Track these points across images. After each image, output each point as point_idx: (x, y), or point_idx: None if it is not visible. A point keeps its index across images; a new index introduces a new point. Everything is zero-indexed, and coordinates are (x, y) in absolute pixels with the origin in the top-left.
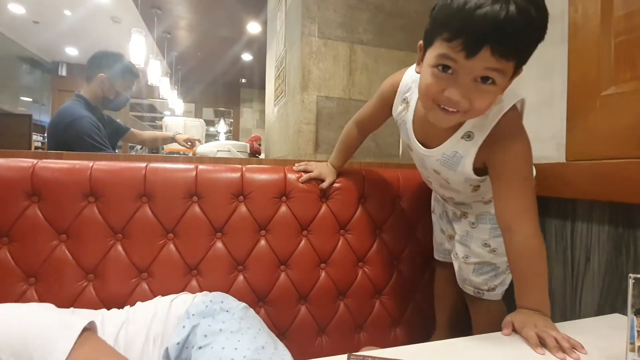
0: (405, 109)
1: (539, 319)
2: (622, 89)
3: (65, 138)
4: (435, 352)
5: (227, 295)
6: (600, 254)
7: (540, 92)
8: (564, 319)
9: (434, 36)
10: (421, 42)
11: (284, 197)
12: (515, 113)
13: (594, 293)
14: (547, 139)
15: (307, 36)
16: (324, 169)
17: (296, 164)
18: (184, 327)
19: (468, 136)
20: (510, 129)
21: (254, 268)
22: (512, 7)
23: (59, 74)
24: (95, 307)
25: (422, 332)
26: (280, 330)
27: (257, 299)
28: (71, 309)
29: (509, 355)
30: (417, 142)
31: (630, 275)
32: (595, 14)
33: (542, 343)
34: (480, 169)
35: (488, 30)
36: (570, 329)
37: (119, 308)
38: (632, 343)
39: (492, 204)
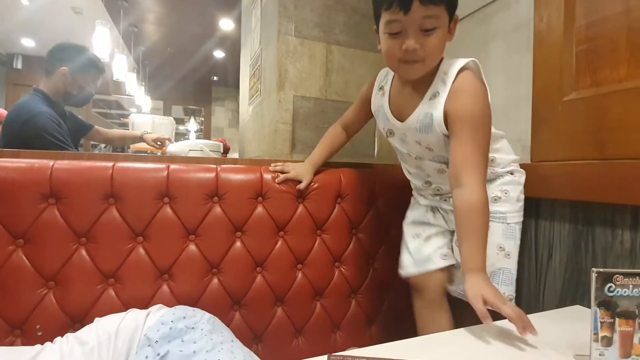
0: (382, 95)
1: (490, 285)
2: (583, 95)
3: (22, 135)
4: (416, 348)
5: (185, 307)
6: (562, 250)
7: (507, 97)
8: (529, 311)
9: (378, 12)
10: (375, 26)
11: (260, 198)
12: (469, 72)
13: (556, 287)
14: (513, 141)
15: (284, 35)
16: (301, 170)
17: (272, 164)
18: (146, 357)
19: (434, 95)
20: (465, 84)
21: (229, 271)
22: None
23: (14, 66)
24: (56, 316)
25: (397, 330)
26: (256, 333)
27: (232, 302)
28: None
29: (487, 346)
30: (395, 119)
31: (593, 269)
32: (559, 24)
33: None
34: None
35: None
36: (536, 320)
37: (82, 317)
38: (596, 334)
39: (503, 203)
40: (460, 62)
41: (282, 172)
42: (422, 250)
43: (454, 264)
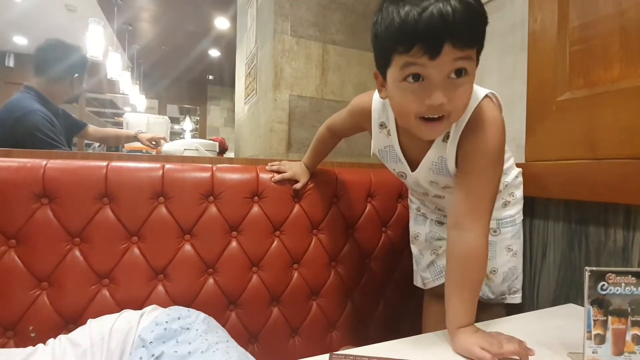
0: (387, 134)
1: (479, 333)
2: (576, 95)
3: (14, 134)
4: (412, 347)
5: (180, 307)
6: (556, 249)
7: (502, 97)
8: (524, 309)
9: (389, 56)
10: (376, 71)
11: (256, 197)
12: (488, 103)
13: (550, 285)
14: (508, 140)
15: (280, 34)
16: (297, 170)
17: (269, 164)
18: (140, 358)
19: (447, 137)
20: (483, 120)
21: (225, 270)
22: (454, 1)
23: (6, 64)
24: (49, 318)
25: (393, 329)
26: (252, 333)
27: (228, 302)
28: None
29: None
30: (407, 165)
31: (587, 268)
32: (553, 25)
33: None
34: None
35: (442, 27)
36: (530, 318)
37: (76, 318)
38: (589, 331)
39: (512, 206)
40: (478, 96)
41: (279, 172)
42: (437, 264)
43: None
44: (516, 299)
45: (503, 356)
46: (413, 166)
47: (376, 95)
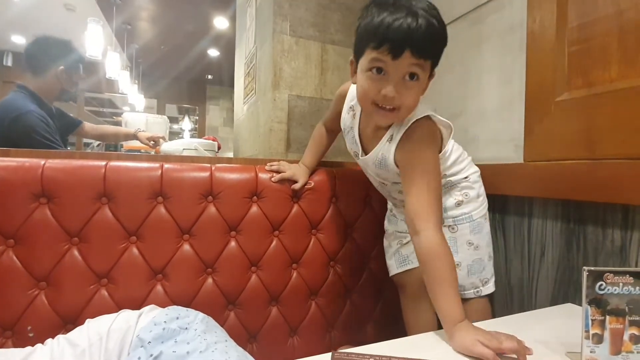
0: (353, 117)
1: (476, 330)
2: (574, 95)
3: (9, 135)
4: (411, 346)
5: (178, 307)
6: (554, 248)
7: (501, 98)
8: (522, 308)
9: (363, 47)
10: (351, 57)
11: (255, 197)
12: (426, 121)
13: (548, 284)
14: (507, 140)
15: (279, 34)
16: (297, 170)
17: (268, 164)
18: (139, 358)
19: (390, 139)
20: (418, 133)
21: (224, 270)
22: (421, 20)
23: (4, 63)
24: (47, 317)
25: (391, 329)
26: (251, 333)
27: (226, 302)
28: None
29: None
30: (361, 149)
31: (585, 268)
32: (551, 25)
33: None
34: None
35: (406, 37)
36: (529, 318)
37: (75, 318)
38: (587, 331)
39: (466, 204)
40: (420, 113)
41: (278, 172)
42: (401, 252)
43: None
44: (489, 288)
45: (502, 352)
46: (365, 153)
47: (353, 86)
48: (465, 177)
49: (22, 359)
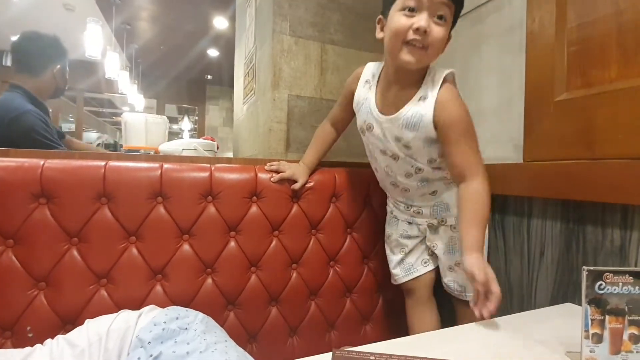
0: (369, 88)
1: (487, 264)
2: (574, 95)
3: (10, 135)
4: (411, 346)
5: (178, 307)
6: (553, 248)
7: (500, 97)
8: (521, 308)
9: None
10: (380, 16)
11: (254, 197)
12: (451, 82)
13: (547, 284)
14: (506, 141)
15: (279, 34)
16: (297, 170)
17: (268, 164)
18: (139, 358)
19: (423, 98)
20: (450, 96)
21: (224, 270)
22: None
23: (3, 63)
24: (47, 318)
25: (391, 329)
26: (251, 333)
27: (226, 302)
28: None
29: (481, 344)
30: (379, 113)
31: (584, 267)
32: (551, 25)
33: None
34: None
35: None
36: (529, 318)
37: (74, 318)
38: (587, 331)
39: None
40: (443, 72)
41: (278, 172)
42: (406, 261)
43: (435, 267)
44: None
45: (488, 286)
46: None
47: (369, 64)
48: None
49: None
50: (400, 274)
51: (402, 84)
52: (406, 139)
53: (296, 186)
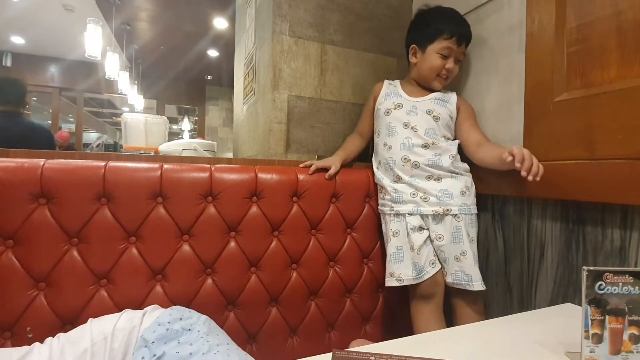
0: (394, 87)
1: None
2: (573, 95)
3: (51, 145)
4: (411, 346)
5: (181, 308)
6: (553, 249)
7: (500, 98)
8: (522, 308)
9: (434, 37)
10: (414, 45)
11: (254, 197)
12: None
13: (547, 285)
14: (506, 141)
15: (278, 34)
16: (330, 159)
17: (300, 164)
18: (142, 358)
19: (445, 92)
20: (463, 99)
21: (224, 271)
22: (467, 25)
23: (3, 64)
24: (47, 318)
25: (391, 329)
26: (251, 333)
27: (226, 302)
28: None
29: (481, 344)
30: (409, 96)
31: (584, 267)
32: (550, 26)
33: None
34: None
35: (467, 34)
36: (528, 318)
37: (74, 319)
38: (587, 331)
39: (467, 197)
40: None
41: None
42: (416, 263)
43: (440, 267)
44: (481, 284)
45: (529, 162)
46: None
47: (386, 81)
48: (467, 170)
49: (19, 358)
50: (410, 274)
51: (421, 88)
52: (437, 111)
53: (331, 172)
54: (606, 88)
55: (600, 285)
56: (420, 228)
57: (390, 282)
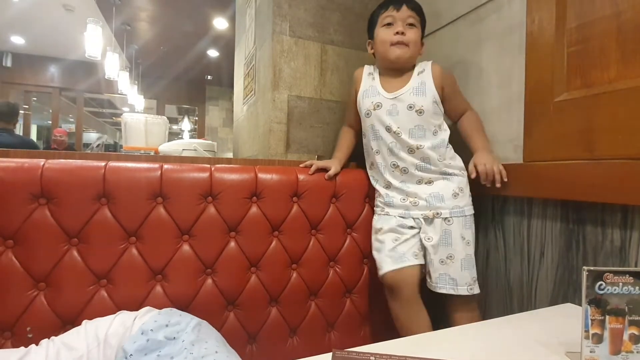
0: (372, 79)
1: (488, 155)
2: (573, 96)
3: None
4: (410, 346)
5: (171, 311)
6: (553, 249)
7: (500, 98)
8: (522, 308)
9: (376, 18)
10: (369, 40)
11: (254, 198)
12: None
13: (547, 285)
14: (506, 141)
15: (278, 34)
16: (329, 161)
17: (301, 164)
18: None
19: (421, 72)
20: (439, 66)
21: (224, 271)
22: None
23: (4, 64)
24: (47, 318)
25: (391, 329)
26: (251, 334)
27: (226, 302)
28: None
29: (481, 344)
30: (386, 92)
31: (584, 268)
32: (550, 26)
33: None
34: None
35: None
36: (528, 318)
37: (74, 319)
38: (587, 331)
39: (460, 198)
40: (429, 61)
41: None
42: (397, 250)
43: (423, 263)
44: (478, 287)
45: (493, 172)
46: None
47: (365, 65)
48: (462, 169)
49: None
50: (388, 262)
51: (398, 72)
52: (419, 104)
53: (330, 173)
54: (606, 88)
55: (601, 285)
56: (411, 227)
57: (378, 272)
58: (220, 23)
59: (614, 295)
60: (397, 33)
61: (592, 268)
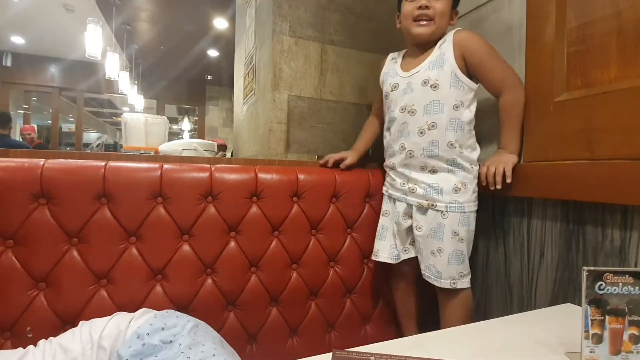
0: (394, 62)
1: (506, 156)
2: (573, 95)
3: None
4: (411, 346)
5: (168, 313)
6: (553, 249)
7: None
8: (521, 308)
9: None
10: (397, 13)
11: (254, 197)
12: (460, 30)
13: (547, 285)
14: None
15: (279, 34)
16: (346, 152)
17: (320, 162)
18: None
19: (442, 43)
20: (465, 31)
21: (224, 271)
22: None
23: (3, 64)
24: (47, 318)
25: (391, 329)
26: (251, 333)
27: (226, 302)
28: None
29: (481, 344)
30: (404, 72)
31: (584, 268)
32: (551, 26)
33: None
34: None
35: None
36: (528, 318)
37: (74, 319)
38: (587, 331)
39: (462, 194)
40: (455, 28)
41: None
42: (395, 245)
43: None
44: (465, 282)
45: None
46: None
47: (390, 56)
48: (473, 163)
49: None
50: (385, 255)
51: (422, 50)
52: (434, 78)
53: (346, 162)
54: (606, 88)
55: (601, 285)
56: (406, 215)
57: (374, 256)
58: (220, 23)
59: (614, 295)
60: (420, 7)
61: (592, 268)
